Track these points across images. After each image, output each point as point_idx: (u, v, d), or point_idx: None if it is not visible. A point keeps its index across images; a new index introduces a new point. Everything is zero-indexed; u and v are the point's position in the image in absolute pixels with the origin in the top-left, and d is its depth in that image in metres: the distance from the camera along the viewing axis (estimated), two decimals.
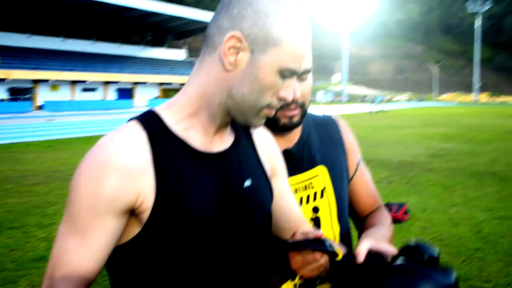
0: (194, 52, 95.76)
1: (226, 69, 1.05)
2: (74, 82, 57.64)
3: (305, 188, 1.56)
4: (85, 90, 59.88)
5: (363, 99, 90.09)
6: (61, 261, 0.99)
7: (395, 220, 6.94)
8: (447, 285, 0.98)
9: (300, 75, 1.46)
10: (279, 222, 1.31)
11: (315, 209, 1.56)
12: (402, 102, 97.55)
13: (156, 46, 78.60)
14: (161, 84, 68.89)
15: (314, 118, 1.71)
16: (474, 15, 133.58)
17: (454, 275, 1.00)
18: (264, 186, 1.23)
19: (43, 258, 5.65)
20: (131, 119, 1.10)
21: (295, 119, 1.51)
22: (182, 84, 62.88)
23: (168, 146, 1.06)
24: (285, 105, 1.46)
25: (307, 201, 1.55)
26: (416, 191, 9.27)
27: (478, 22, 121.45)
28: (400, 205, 7.20)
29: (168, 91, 72.21)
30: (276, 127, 1.51)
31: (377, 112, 50.07)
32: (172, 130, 1.09)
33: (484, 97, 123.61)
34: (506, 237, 6.31)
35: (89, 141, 19.65)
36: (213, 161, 1.12)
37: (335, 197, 1.59)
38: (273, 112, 1.12)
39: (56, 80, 54.75)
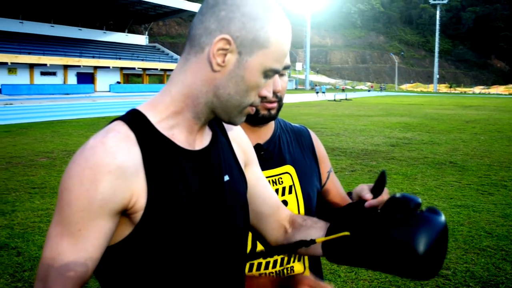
0: (155, 38, 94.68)
1: (214, 69, 1.08)
2: (33, 66, 56.32)
3: (274, 182, 1.62)
4: (45, 74, 58.58)
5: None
6: (56, 263, 0.99)
7: None
8: (443, 222, 1.12)
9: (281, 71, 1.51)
10: (258, 207, 1.37)
11: (284, 203, 1.60)
12: (364, 91, 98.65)
13: (117, 31, 77.37)
14: (123, 68, 67.96)
15: (288, 125, 1.80)
16: (435, 6, 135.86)
17: (440, 212, 1.13)
18: (240, 179, 1.27)
19: (5, 246, 5.56)
20: (115, 119, 1.10)
21: (273, 112, 1.58)
22: (144, 69, 61.74)
23: (156, 146, 1.08)
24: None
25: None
26: None
27: (438, 14, 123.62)
28: None
29: (129, 76, 71.35)
30: (255, 118, 1.57)
31: (341, 100, 50.60)
32: (158, 129, 1.10)
33: (443, 88, 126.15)
34: (465, 225, 6.49)
35: (49, 125, 19.32)
36: (197, 158, 1.15)
37: (302, 194, 1.66)
38: (254, 110, 1.16)
39: (14, 63, 53.33)
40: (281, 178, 1.63)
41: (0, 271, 4.87)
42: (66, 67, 60.23)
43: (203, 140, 1.20)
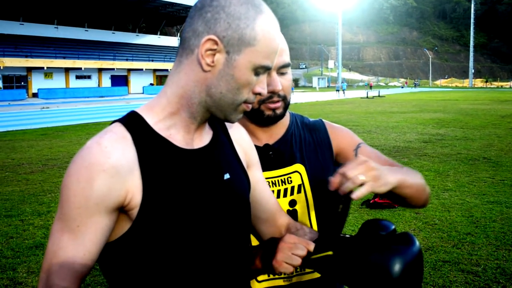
0: None
1: (204, 70, 1.12)
2: (68, 70, 57.41)
3: (283, 182, 1.62)
4: (79, 77, 59.71)
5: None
6: (57, 256, 1.06)
7: (388, 205, 7.04)
8: (418, 248, 1.15)
9: (280, 69, 1.54)
10: (257, 212, 1.41)
11: (292, 203, 1.62)
12: (397, 88, 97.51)
13: (150, 33, 78.24)
14: (156, 70, 68.70)
15: (304, 121, 1.78)
16: (469, 0, 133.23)
17: (414, 239, 1.16)
18: (242, 179, 1.30)
19: (41, 246, 5.72)
20: (114, 121, 1.16)
21: (279, 111, 1.58)
22: None
23: (152, 146, 1.12)
24: (268, 98, 1.53)
25: (284, 195, 1.62)
26: None
27: (473, 7, 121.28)
28: None
29: (162, 78, 72.02)
30: (262, 120, 1.59)
31: (374, 97, 50.15)
32: (155, 130, 1.14)
33: (479, 82, 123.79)
34: (497, 222, 6.40)
35: (84, 128, 19.69)
36: (195, 157, 1.19)
37: (312, 193, 1.65)
38: (250, 107, 1.19)
39: (50, 68, 54.50)
40: (290, 178, 1.63)
41: (36, 270, 5.02)
42: (100, 70, 61.28)
43: (202, 139, 1.24)
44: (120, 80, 64.86)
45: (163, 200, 1.10)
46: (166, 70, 68.35)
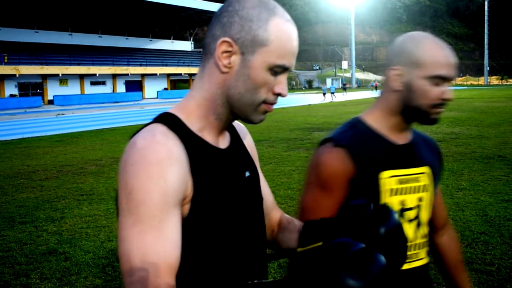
0: (200, 43, 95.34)
1: (222, 71, 1.18)
2: (82, 76, 57.85)
3: (416, 180, 1.74)
4: (94, 83, 60.13)
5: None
6: (148, 259, 1.04)
7: None
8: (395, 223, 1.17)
9: None
10: None
11: (420, 199, 1.74)
12: None
13: (163, 38, 78.58)
14: (169, 75, 68.98)
15: (418, 132, 1.96)
16: None
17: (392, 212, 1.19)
18: (257, 176, 1.40)
19: (54, 252, 5.77)
20: (152, 122, 1.20)
21: (439, 116, 1.77)
22: (191, 75, 62.25)
23: (192, 144, 1.18)
24: (439, 105, 1.69)
25: (415, 191, 1.74)
26: None
27: (486, 5, 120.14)
28: None
29: (176, 82, 72.29)
30: (428, 120, 1.73)
31: None
32: (191, 130, 1.20)
33: (494, 80, 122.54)
34: None
35: (99, 134, 19.82)
36: (224, 156, 1.26)
37: (431, 194, 1.79)
38: (272, 108, 1.24)
39: (65, 75, 54.95)
40: (420, 177, 1.74)
41: (49, 276, 5.06)
42: (114, 76, 61.66)
43: (225, 140, 1.31)
44: (135, 86, 65.20)
45: (209, 196, 1.16)
46: (180, 74, 68.65)
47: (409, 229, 1.72)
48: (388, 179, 1.66)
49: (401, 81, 1.68)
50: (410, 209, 1.71)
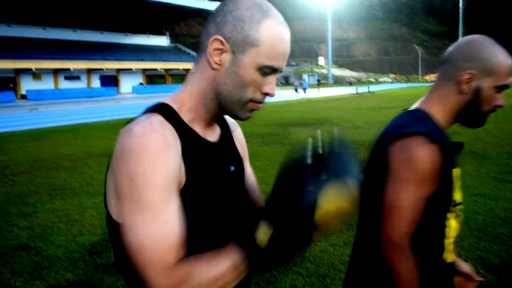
0: (176, 38, 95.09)
1: (213, 68, 1.24)
2: (56, 71, 57.14)
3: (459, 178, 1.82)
4: (69, 78, 59.46)
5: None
6: (161, 241, 1.08)
7: None
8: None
9: None
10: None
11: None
12: (387, 84, 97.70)
13: (139, 33, 77.99)
14: (145, 70, 68.52)
15: None
16: None
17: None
18: (242, 171, 1.47)
19: (25, 246, 5.71)
20: (147, 110, 1.24)
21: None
22: (167, 70, 61.95)
23: (186, 135, 1.23)
24: (493, 111, 1.78)
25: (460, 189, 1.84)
26: None
27: (461, 2, 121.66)
28: None
29: (152, 77, 71.81)
30: (480, 124, 1.84)
31: (363, 93, 50.31)
32: (185, 121, 1.26)
33: None
34: (480, 214, 6.46)
35: (73, 129, 19.62)
36: (211, 149, 1.31)
37: None
38: (259, 106, 1.29)
39: (39, 69, 54.22)
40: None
41: (19, 270, 5.01)
42: (89, 71, 61.05)
43: (214, 134, 1.37)
44: (110, 81, 64.64)
45: (196, 185, 1.21)
46: (156, 69, 68.24)
47: (456, 225, 1.79)
48: (456, 175, 1.75)
49: (471, 85, 1.71)
50: (460, 203, 1.80)
